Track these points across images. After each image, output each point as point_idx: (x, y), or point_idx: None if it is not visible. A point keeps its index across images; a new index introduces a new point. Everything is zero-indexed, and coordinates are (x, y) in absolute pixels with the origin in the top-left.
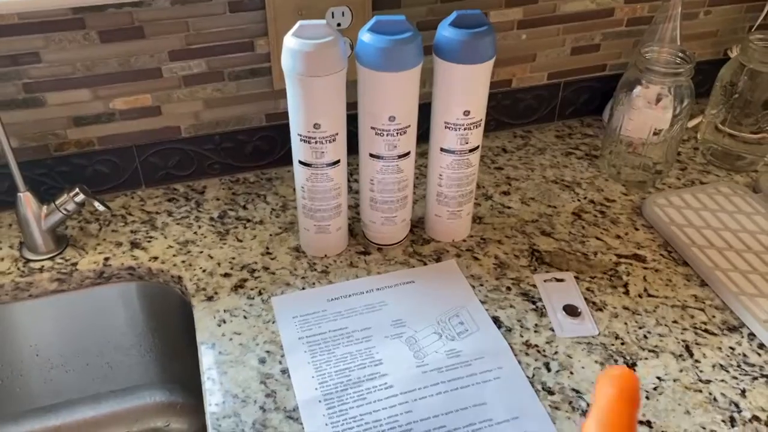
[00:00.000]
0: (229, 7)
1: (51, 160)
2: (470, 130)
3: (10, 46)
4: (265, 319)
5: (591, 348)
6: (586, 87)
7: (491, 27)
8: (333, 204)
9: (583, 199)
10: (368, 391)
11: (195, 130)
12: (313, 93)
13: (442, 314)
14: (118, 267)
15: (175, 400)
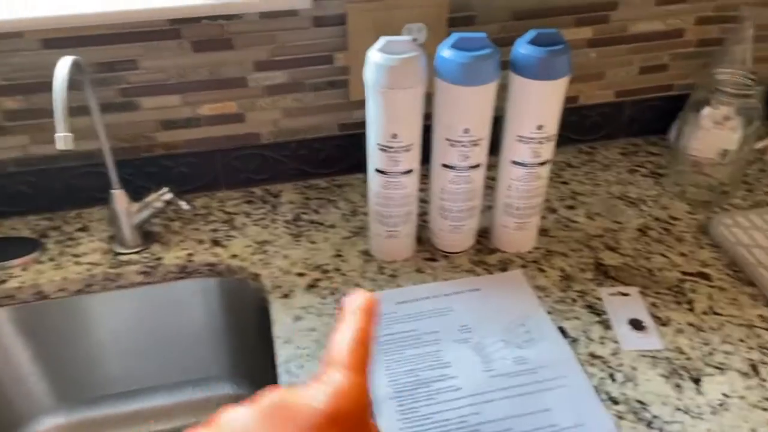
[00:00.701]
0: (313, 22)
1: (140, 160)
2: (542, 144)
3: (112, 54)
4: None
5: (656, 362)
6: (652, 106)
7: (567, 45)
8: (404, 211)
9: (647, 216)
10: (437, 392)
11: (274, 136)
12: (393, 105)
13: (508, 322)
14: (200, 263)
15: (243, 393)
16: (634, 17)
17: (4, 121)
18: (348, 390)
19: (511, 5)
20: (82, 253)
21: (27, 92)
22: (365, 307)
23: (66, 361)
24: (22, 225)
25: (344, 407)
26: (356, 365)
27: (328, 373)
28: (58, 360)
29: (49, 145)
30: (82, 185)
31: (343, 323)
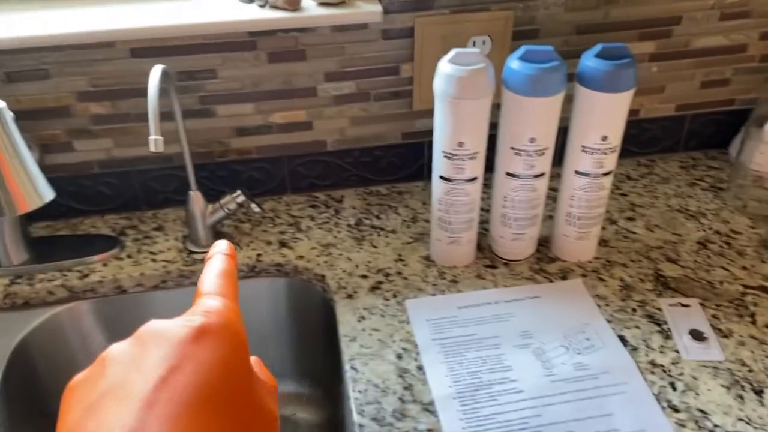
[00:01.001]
0: (381, 35)
1: (214, 164)
2: (606, 155)
3: (193, 63)
4: (400, 319)
5: (717, 372)
6: (713, 120)
7: (634, 59)
8: (466, 218)
9: (708, 229)
10: (499, 394)
11: (339, 144)
12: (461, 114)
13: (568, 329)
14: (268, 263)
15: (303, 392)
16: (697, 32)
17: (91, 125)
18: (218, 308)
19: (575, 19)
20: (158, 251)
21: (114, 98)
22: (227, 251)
23: None
24: (102, 223)
25: (215, 322)
26: (225, 292)
27: (198, 302)
28: None
29: (130, 148)
30: (159, 187)
31: (209, 264)
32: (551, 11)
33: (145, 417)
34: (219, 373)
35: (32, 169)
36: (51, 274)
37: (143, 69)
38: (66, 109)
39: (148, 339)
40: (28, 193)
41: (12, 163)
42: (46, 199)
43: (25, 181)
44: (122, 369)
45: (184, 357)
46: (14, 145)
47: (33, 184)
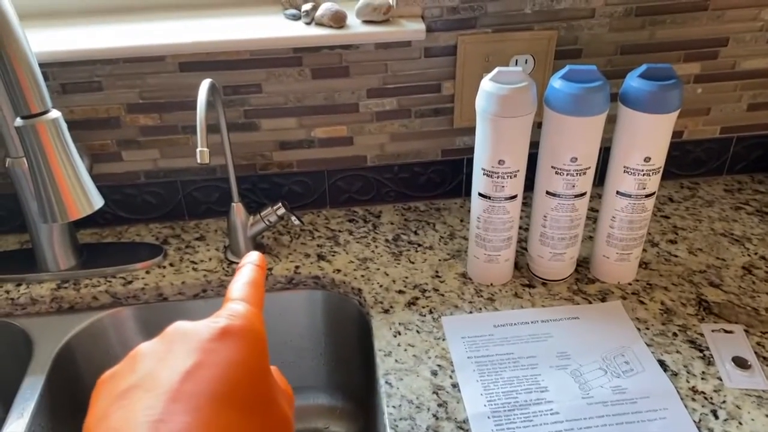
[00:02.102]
0: (424, 52)
1: (256, 177)
2: (649, 176)
3: (239, 78)
4: (436, 335)
5: (761, 402)
6: (760, 143)
7: (679, 80)
8: (505, 236)
9: (753, 254)
10: (534, 415)
11: (378, 160)
12: (502, 132)
13: (606, 352)
14: (306, 275)
15: (336, 405)
16: (744, 54)
17: (139, 136)
18: (243, 312)
19: (619, 40)
20: (200, 260)
21: (162, 110)
22: (258, 262)
23: None
24: (146, 232)
25: (238, 324)
26: (251, 299)
27: (225, 306)
28: None
29: (176, 159)
30: (202, 198)
31: (240, 272)
32: (595, 31)
33: (171, 407)
34: (240, 371)
35: (84, 177)
36: (96, 279)
37: (190, 83)
38: (116, 120)
39: (175, 337)
40: (79, 200)
41: (65, 171)
42: (96, 207)
43: (77, 188)
44: (150, 364)
45: (209, 353)
46: (68, 154)
47: (84, 192)
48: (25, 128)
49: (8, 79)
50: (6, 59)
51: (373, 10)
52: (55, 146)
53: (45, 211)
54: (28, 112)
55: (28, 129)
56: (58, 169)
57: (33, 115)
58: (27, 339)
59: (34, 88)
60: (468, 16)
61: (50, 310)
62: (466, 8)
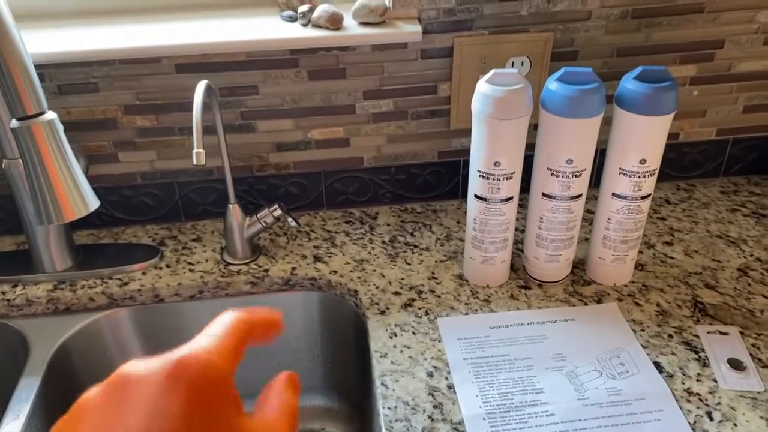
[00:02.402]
0: (420, 54)
1: (253, 178)
2: (644, 178)
3: (236, 80)
4: (432, 337)
5: (756, 403)
6: (756, 145)
7: (675, 82)
8: (501, 237)
9: (749, 256)
10: (530, 416)
11: (375, 161)
12: (498, 134)
13: (602, 353)
14: (302, 277)
15: (332, 406)
16: (740, 56)
17: (136, 137)
18: (202, 351)
19: (615, 42)
20: (196, 261)
21: (158, 112)
22: (248, 318)
23: None
24: (143, 233)
25: (194, 365)
26: (224, 339)
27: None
28: None
29: (172, 160)
30: (198, 199)
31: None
32: (591, 33)
33: None
34: (190, 422)
35: (80, 179)
36: (92, 281)
37: (187, 84)
38: (113, 122)
39: (119, 390)
40: (75, 202)
41: (61, 173)
42: (92, 208)
43: (73, 190)
44: (96, 423)
45: (155, 407)
46: (64, 155)
47: (80, 193)
48: (21, 130)
49: (3, 81)
50: (1, 60)
51: (369, 12)
52: (51, 148)
53: (41, 213)
54: (23, 114)
55: (23, 130)
56: (53, 171)
57: (28, 117)
58: (23, 340)
59: (30, 89)
60: (464, 18)
61: (46, 311)
62: (462, 10)
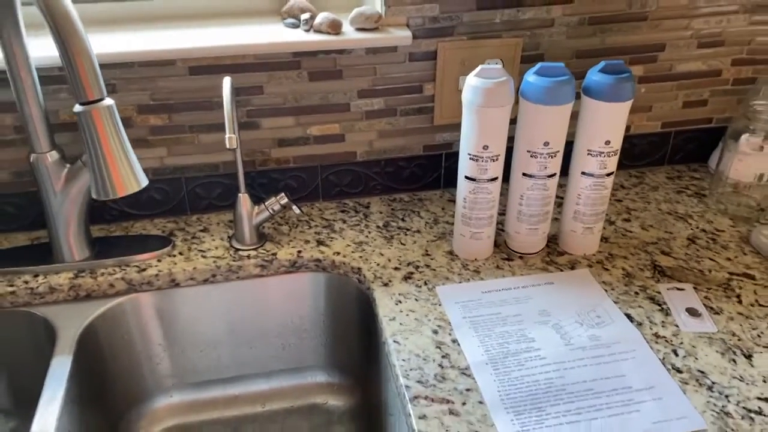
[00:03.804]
0: (408, 57)
1: (255, 173)
2: (609, 157)
3: (243, 80)
4: (433, 302)
5: (711, 341)
6: (694, 137)
7: (632, 74)
8: (488, 214)
9: (695, 228)
10: (526, 360)
11: (367, 155)
12: (486, 121)
13: (580, 308)
14: (308, 258)
15: (334, 381)
16: (679, 58)
17: (149, 135)
18: None
19: (575, 46)
20: (207, 248)
21: (171, 111)
22: None
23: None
24: (151, 226)
25: None
26: None
27: None
28: (179, 344)
29: (182, 156)
30: (204, 194)
31: None
32: (554, 38)
33: None
34: None
35: (132, 159)
36: (111, 268)
37: (198, 85)
38: (128, 121)
39: None
40: (129, 178)
41: (117, 152)
42: (143, 184)
43: (127, 168)
44: None
45: None
46: (119, 137)
47: (133, 172)
48: (84, 113)
49: (70, 70)
50: (69, 53)
51: (365, 19)
52: (109, 130)
53: (98, 188)
54: (86, 99)
55: (86, 114)
56: (110, 151)
57: (90, 102)
58: (49, 326)
59: (92, 77)
60: (446, 25)
61: (68, 298)
62: (445, 18)
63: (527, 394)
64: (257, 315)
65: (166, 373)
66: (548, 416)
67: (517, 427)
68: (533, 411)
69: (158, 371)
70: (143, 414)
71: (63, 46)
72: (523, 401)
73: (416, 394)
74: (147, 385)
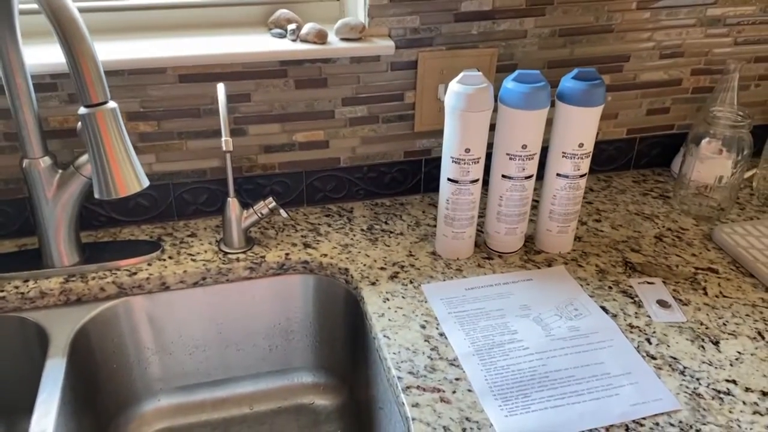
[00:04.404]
0: (390, 66)
1: (242, 178)
2: (582, 159)
3: (231, 88)
4: (419, 299)
5: (682, 330)
6: (657, 142)
7: (602, 81)
8: (469, 215)
9: (662, 227)
10: (510, 350)
11: (350, 161)
12: (468, 124)
13: (559, 302)
14: (296, 261)
15: (320, 382)
16: (642, 68)
17: (138, 142)
18: None
19: (546, 56)
20: (196, 252)
21: (160, 118)
22: None
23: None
24: (139, 232)
25: None
26: None
27: None
28: (168, 347)
29: (170, 163)
30: (191, 199)
31: None
32: (527, 49)
33: None
34: None
35: (135, 160)
36: (102, 272)
37: (188, 93)
38: None
39: None
40: (131, 179)
41: (120, 154)
42: (144, 185)
43: (129, 169)
44: None
45: None
46: (122, 139)
47: (135, 173)
48: (88, 116)
49: (76, 73)
50: (75, 56)
51: (350, 29)
52: (112, 132)
53: (101, 188)
54: (90, 102)
55: (90, 117)
56: (113, 152)
57: (94, 105)
58: (41, 330)
59: (97, 81)
60: (426, 36)
61: (58, 302)
62: (425, 29)
63: (513, 382)
64: (245, 317)
65: (156, 376)
66: (534, 401)
67: (506, 412)
68: (519, 397)
69: (147, 374)
70: (132, 417)
71: (69, 51)
72: (509, 388)
73: (408, 384)
74: (137, 388)
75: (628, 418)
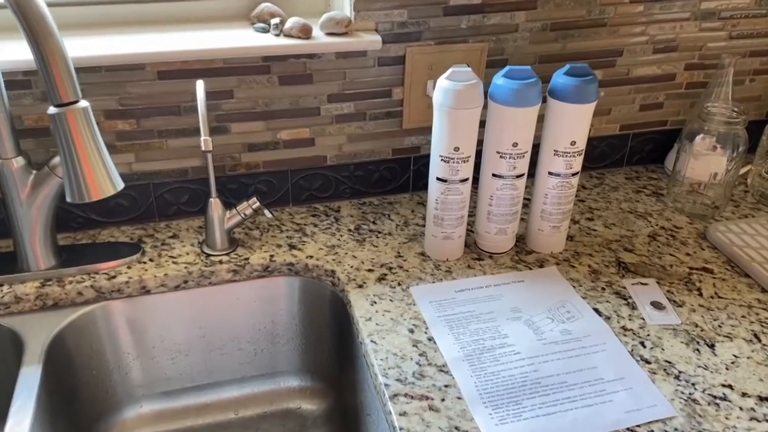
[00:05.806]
0: (377, 62)
1: (225, 178)
2: (575, 157)
3: (213, 85)
4: (407, 302)
5: (676, 333)
6: (650, 139)
7: (596, 76)
8: (459, 215)
9: (655, 225)
10: (501, 355)
11: (337, 159)
12: (457, 122)
13: (551, 305)
14: (281, 263)
15: (306, 386)
16: (635, 63)
17: (116, 141)
18: None
19: (537, 51)
20: (178, 254)
21: (139, 116)
22: None
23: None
24: (119, 233)
25: None
26: None
27: None
28: (149, 352)
29: (150, 162)
30: (172, 199)
31: None
32: (518, 44)
33: None
34: None
35: (108, 162)
36: (80, 276)
37: (167, 90)
38: None
39: None
40: (104, 182)
41: (92, 155)
42: (119, 188)
43: (102, 171)
44: None
45: None
46: (95, 140)
47: (109, 175)
48: (58, 116)
49: (45, 72)
50: (44, 54)
51: (335, 24)
52: (84, 132)
53: (73, 191)
54: (60, 101)
55: (60, 116)
56: (85, 153)
57: (65, 104)
58: (15, 336)
59: (67, 79)
60: (414, 30)
61: (34, 307)
62: (413, 23)
63: (504, 389)
64: (229, 320)
65: (137, 382)
66: (525, 409)
67: (496, 421)
68: (510, 404)
69: (128, 380)
70: (114, 424)
71: (37, 48)
72: (500, 395)
73: (395, 391)
74: (117, 394)
75: (622, 425)
